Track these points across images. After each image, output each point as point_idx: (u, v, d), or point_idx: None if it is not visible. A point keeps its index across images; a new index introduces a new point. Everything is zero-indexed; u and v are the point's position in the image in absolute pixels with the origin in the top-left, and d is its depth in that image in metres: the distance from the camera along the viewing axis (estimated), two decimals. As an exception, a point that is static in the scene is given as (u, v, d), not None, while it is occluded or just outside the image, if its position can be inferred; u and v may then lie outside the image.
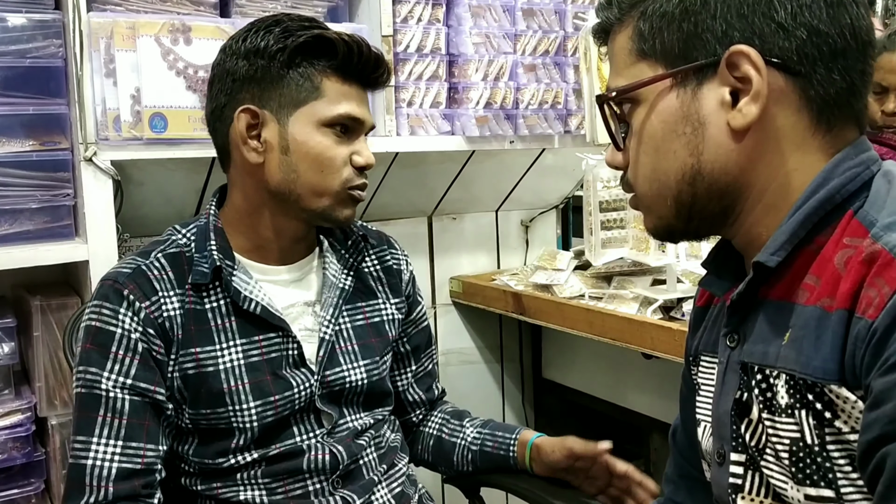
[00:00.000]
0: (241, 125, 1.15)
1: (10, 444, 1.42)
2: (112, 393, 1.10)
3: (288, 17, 1.17)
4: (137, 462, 1.10)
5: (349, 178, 1.17)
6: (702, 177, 0.78)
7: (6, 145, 1.41)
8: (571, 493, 1.33)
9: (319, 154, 1.15)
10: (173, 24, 1.45)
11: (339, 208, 1.18)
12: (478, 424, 1.41)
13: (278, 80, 1.14)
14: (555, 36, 1.93)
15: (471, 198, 2.20)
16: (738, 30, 0.74)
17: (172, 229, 1.23)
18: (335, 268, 1.27)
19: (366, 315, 1.30)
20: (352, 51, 1.15)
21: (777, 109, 0.75)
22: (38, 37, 1.41)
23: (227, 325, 1.16)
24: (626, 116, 0.82)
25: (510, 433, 1.37)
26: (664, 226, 0.83)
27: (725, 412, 0.82)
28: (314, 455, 1.18)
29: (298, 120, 1.14)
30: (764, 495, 0.79)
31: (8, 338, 1.44)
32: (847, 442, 0.70)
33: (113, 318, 1.12)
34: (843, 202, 0.75)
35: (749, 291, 0.80)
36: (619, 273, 1.89)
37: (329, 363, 1.22)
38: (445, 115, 1.83)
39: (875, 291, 0.67)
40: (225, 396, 1.15)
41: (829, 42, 0.73)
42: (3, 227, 1.42)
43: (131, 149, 1.45)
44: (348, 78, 1.17)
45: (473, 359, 2.31)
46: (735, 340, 0.82)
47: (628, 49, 0.80)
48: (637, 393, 1.96)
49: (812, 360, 0.71)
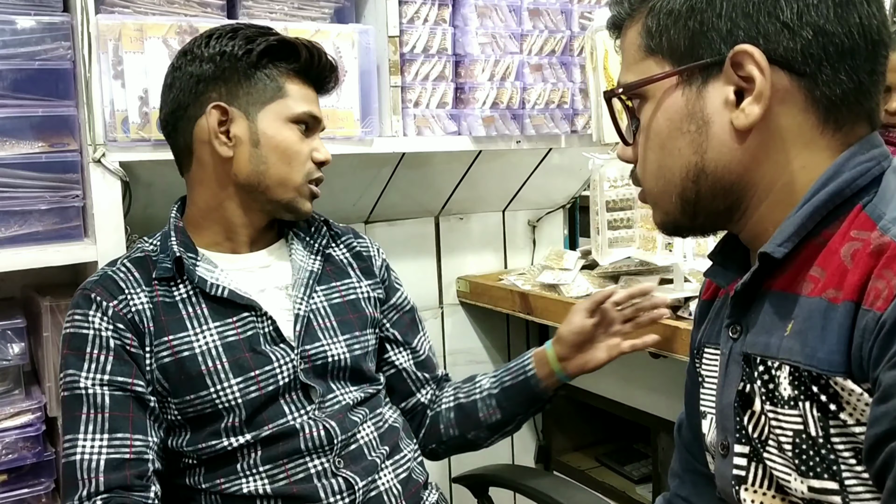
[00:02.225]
0: (213, 121, 1.22)
1: (20, 443, 1.43)
2: (91, 390, 1.15)
3: (245, 25, 1.27)
4: (125, 452, 1.13)
5: (310, 171, 1.28)
6: (706, 175, 0.78)
7: (15, 147, 1.42)
8: (578, 492, 1.33)
9: (288, 147, 1.24)
10: (181, 26, 1.46)
11: (301, 200, 1.27)
12: (490, 374, 1.43)
13: (245, 79, 1.23)
14: (561, 36, 1.93)
15: (478, 198, 2.20)
16: (742, 29, 0.74)
17: (141, 240, 1.32)
18: (302, 253, 1.33)
19: (341, 293, 1.34)
20: (312, 56, 1.26)
21: (782, 109, 0.75)
22: (46, 39, 1.42)
23: (198, 312, 1.21)
24: (636, 112, 0.82)
25: (523, 359, 1.40)
26: (671, 221, 0.84)
27: (728, 404, 0.82)
28: (308, 433, 1.20)
29: (267, 116, 1.23)
30: (767, 487, 0.79)
31: (18, 338, 1.45)
32: (852, 434, 0.70)
33: (84, 321, 1.18)
34: (853, 196, 0.75)
35: (754, 282, 0.80)
36: (627, 272, 1.89)
37: (307, 338, 1.25)
38: (452, 115, 1.84)
39: (884, 283, 0.67)
40: (205, 378, 1.18)
41: (836, 42, 0.73)
42: (12, 228, 1.42)
43: (139, 150, 1.46)
44: (307, 80, 1.28)
45: (481, 358, 2.31)
46: (738, 332, 0.82)
47: (637, 45, 0.80)
48: (644, 392, 1.96)
49: (817, 352, 0.71)
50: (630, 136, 0.84)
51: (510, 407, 1.38)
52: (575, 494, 1.33)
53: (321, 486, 1.20)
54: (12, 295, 1.66)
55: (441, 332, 2.22)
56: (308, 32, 1.58)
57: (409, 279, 1.50)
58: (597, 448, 2.34)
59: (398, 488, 1.26)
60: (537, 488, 1.37)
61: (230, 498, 1.18)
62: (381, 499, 1.23)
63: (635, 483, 2.13)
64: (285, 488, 1.18)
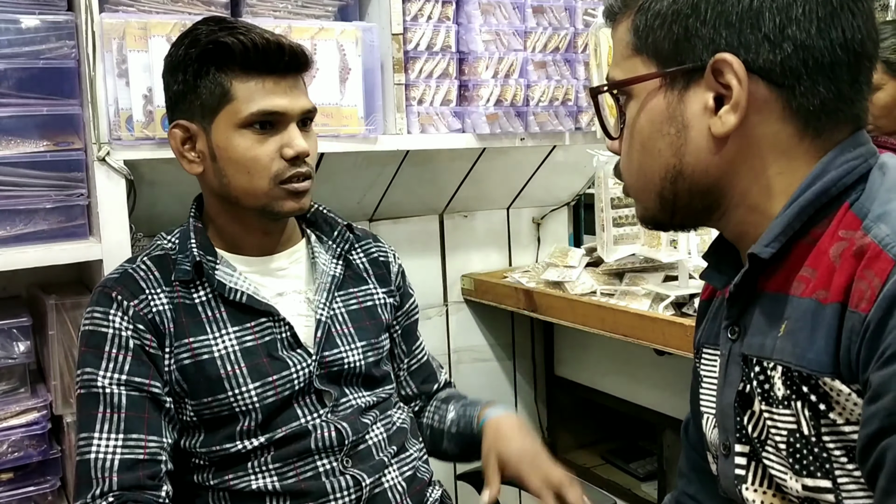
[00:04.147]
0: (175, 141, 1.20)
1: (26, 441, 1.44)
2: (108, 389, 1.14)
3: (204, 22, 1.19)
4: (139, 452, 1.13)
5: (279, 172, 1.17)
6: (683, 177, 0.79)
7: (20, 146, 1.42)
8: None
9: (241, 156, 1.16)
10: (185, 25, 1.45)
11: (277, 203, 1.19)
12: (458, 405, 1.40)
13: (193, 91, 1.17)
14: (565, 33, 1.93)
15: (482, 195, 2.20)
16: (724, 38, 0.74)
17: (160, 236, 1.29)
18: (325, 257, 1.31)
19: (359, 299, 1.33)
20: (247, 48, 1.14)
21: (759, 118, 0.75)
22: (51, 38, 1.42)
23: (217, 316, 1.20)
24: (623, 107, 0.83)
25: (475, 408, 1.36)
26: (650, 216, 0.85)
27: (729, 404, 0.82)
28: (320, 433, 1.21)
29: (218, 127, 1.17)
30: (767, 486, 0.80)
31: (23, 337, 1.45)
32: (843, 433, 0.70)
33: (104, 319, 1.17)
34: (840, 195, 0.75)
35: (746, 283, 0.80)
36: (631, 269, 1.89)
37: (327, 344, 1.25)
38: (456, 112, 1.83)
39: (865, 284, 0.67)
40: (223, 382, 1.18)
41: (816, 56, 0.73)
42: (18, 226, 1.43)
43: (144, 148, 1.46)
44: (258, 73, 1.16)
45: (485, 356, 2.31)
46: (736, 333, 0.83)
47: (626, 41, 0.81)
48: (649, 389, 1.96)
49: (807, 353, 0.71)
50: (616, 131, 0.85)
51: (462, 449, 1.38)
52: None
53: (329, 482, 1.20)
54: (18, 293, 1.66)
55: (446, 330, 2.22)
56: (311, 30, 1.58)
57: (414, 277, 1.50)
58: (602, 445, 2.34)
59: (403, 485, 1.26)
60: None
61: (238, 494, 1.19)
62: (385, 495, 1.24)
63: (641, 480, 2.13)
64: (294, 485, 1.19)
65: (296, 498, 1.19)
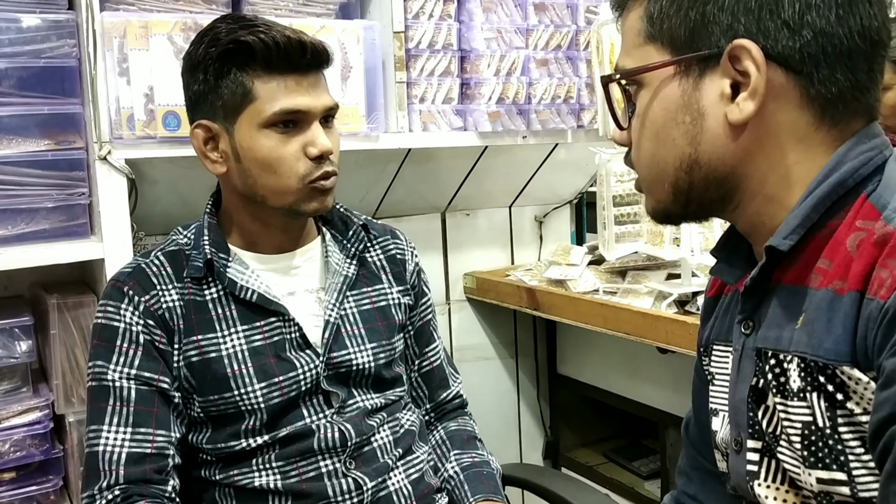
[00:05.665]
0: (197, 141, 1.19)
1: (28, 441, 1.44)
2: (118, 383, 1.15)
3: (223, 20, 1.17)
4: (147, 446, 1.14)
5: (307, 172, 1.17)
6: (699, 166, 0.78)
7: (22, 145, 1.42)
8: (589, 492, 1.33)
9: (266, 157, 1.15)
10: (186, 23, 1.46)
11: (304, 203, 1.19)
12: (459, 466, 1.35)
13: (214, 91, 1.15)
14: (567, 30, 1.93)
15: (484, 193, 2.20)
16: (743, 24, 0.73)
17: (175, 230, 1.28)
18: (338, 256, 1.30)
19: (371, 299, 1.31)
20: (268, 47, 1.12)
21: (776, 106, 0.74)
22: (52, 37, 1.42)
23: (227, 314, 1.20)
24: (633, 97, 0.82)
25: (470, 490, 1.31)
26: (662, 209, 0.84)
27: (742, 399, 0.82)
28: (324, 434, 1.20)
29: (241, 127, 1.15)
30: (780, 482, 0.79)
31: (25, 336, 1.45)
32: (859, 424, 0.70)
33: (116, 314, 1.18)
34: (856, 186, 0.75)
35: (762, 276, 0.80)
36: (634, 267, 1.89)
37: (335, 345, 1.24)
38: (458, 110, 1.83)
39: (887, 273, 0.67)
40: (230, 381, 1.18)
41: (835, 43, 0.73)
42: (19, 226, 1.43)
43: (145, 147, 1.46)
44: (280, 72, 1.14)
45: (488, 355, 2.31)
46: (750, 327, 0.82)
47: (637, 29, 0.80)
48: (652, 387, 1.96)
49: (824, 342, 0.71)
50: (625, 121, 0.84)
51: None
52: (585, 494, 1.33)
53: (330, 484, 1.20)
54: (20, 293, 1.66)
55: (448, 329, 2.22)
56: (313, 28, 1.58)
57: (416, 275, 1.49)
58: (605, 444, 2.34)
59: (408, 489, 1.26)
60: (546, 486, 1.36)
61: (242, 491, 1.20)
62: (390, 499, 1.23)
63: (644, 479, 2.13)
64: (296, 485, 1.19)
65: (297, 498, 1.19)
